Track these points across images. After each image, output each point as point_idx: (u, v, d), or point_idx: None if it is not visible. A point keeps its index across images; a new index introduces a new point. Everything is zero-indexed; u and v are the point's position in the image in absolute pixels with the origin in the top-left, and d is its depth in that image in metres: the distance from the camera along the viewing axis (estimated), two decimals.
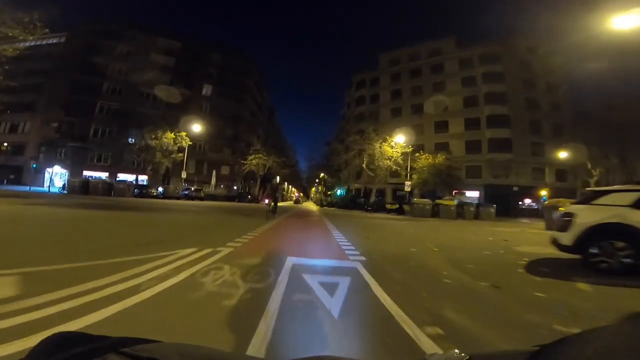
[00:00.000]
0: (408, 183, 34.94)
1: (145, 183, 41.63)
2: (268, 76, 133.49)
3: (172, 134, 35.94)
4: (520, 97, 41.41)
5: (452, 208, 27.85)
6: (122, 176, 41.26)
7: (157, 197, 32.96)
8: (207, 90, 50.17)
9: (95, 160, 41.56)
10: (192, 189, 35.87)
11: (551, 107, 41.83)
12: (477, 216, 27.13)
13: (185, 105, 44.51)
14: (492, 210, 28.28)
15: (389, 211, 31.88)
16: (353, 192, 47.67)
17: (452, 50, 48.13)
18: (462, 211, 27.26)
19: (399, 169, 36.44)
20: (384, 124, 37.37)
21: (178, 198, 34.18)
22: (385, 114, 47.78)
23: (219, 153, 48.51)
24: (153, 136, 34.95)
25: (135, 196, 32.50)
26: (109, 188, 30.67)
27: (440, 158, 33.89)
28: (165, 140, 35.32)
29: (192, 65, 48.67)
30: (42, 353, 0.61)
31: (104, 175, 40.25)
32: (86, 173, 39.11)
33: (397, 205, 31.40)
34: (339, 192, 63.12)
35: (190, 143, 38.15)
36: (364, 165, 38.54)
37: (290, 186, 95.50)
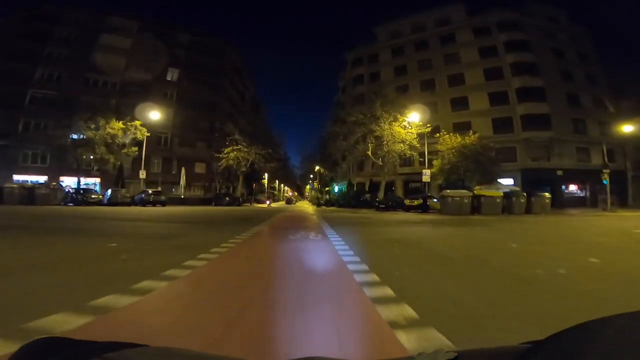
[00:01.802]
0: (427, 172, 27.28)
1: (96, 187, 33.45)
2: (252, 64, 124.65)
3: (121, 122, 27.74)
4: (551, 67, 34.92)
5: (498, 200, 20.84)
6: (66, 180, 32.90)
7: (97, 204, 24.84)
8: (172, 74, 41.80)
9: (29, 161, 33.11)
10: (150, 191, 27.69)
11: (587, 79, 35.52)
12: (528, 209, 20.91)
13: (144, 92, 36.27)
14: (547, 200, 22.04)
15: (409, 208, 24.28)
16: (355, 187, 39.84)
17: (462, 18, 42.13)
18: (509, 204, 20.81)
19: (414, 154, 28.75)
20: (390, 101, 29.63)
21: (129, 204, 26.10)
22: (389, 93, 40.26)
23: (191, 148, 40.27)
24: (93, 125, 26.72)
25: (69, 204, 24.46)
26: (29, 194, 22.63)
27: (473, 137, 26.21)
28: (110, 130, 27.10)
29: (153, 47, 40.34)
30: (23, 359, 0.58)
31: (42, 178, 31.84)
32: (18, 177, 30.63)
33: (420, 200, 23.69)
34: (336, 188, 55.27)
35: (149, 135, 29.97)
36: (369, 152, 30.70)
37: (282, 185, 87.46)
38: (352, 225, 11.43)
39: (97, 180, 33.94)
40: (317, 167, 50.79)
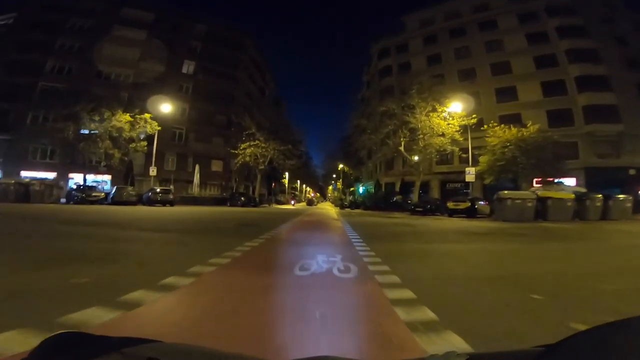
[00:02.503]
0: (471, 170, 23.32)
1: (106, 184, 31.53)
2: (272, 61, 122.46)
3: (128, 115, 25.45)
4: (614, 55, 30.45)
5: (569, 204, 17.14)
6: (76, 176, 31.19)
7: (99, 202, 22.53)
8: (188, 67, 39.48)
9: (38, 157, 31.56)
10: (158, 190, 25.20)
11: None
12: (605, 215, 17.26)
13: (158, 85, 34.18)
14: (629, 204, 18.31)
15: (452, 212, 20.38)
16: (383, 188, 36.01)
17: (502, 3, 37.63)
18: (582, 208, 17.17)
19: (455, 149, 24.78)
20: (428, 88, 25.82)
21: (134, 203, 23.66)
22: (426, 81, 36.59)
23: (207, 144, 37.77)
24: (97, 118, 24.52)
25: (69, 202, 22.34)
26: (25, 191, 20.63)
27: (532, 128, 21.95)
28: (116, 123, 24.83)
29: (169, 38, 38.37)
30: (44, 354, 0.60)
31: (51, 175, 30.23)
32: (25, 173, 29.05)
33: (468, 203, 19.73)
34: (361, 189, 51.43)
35: (159, 129, 27.54)
36: (402, 148, 26.92)
37: (304, 185, 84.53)
38: (394, 239, 7.86)
39: (108, 177, 31.96)
40: (340, 166, 47.09)
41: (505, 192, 18.13)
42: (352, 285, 3.24)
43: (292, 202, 47.84)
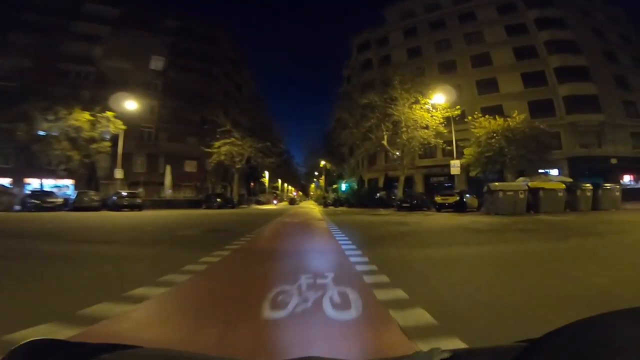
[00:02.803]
0: (456, 163, 22.65)
1: (68, 189, 29.00)
2: (253, 60, 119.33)
3: (87, 113, 23.21)
4: (592, 46, 30.89)
5: (560, 194, 16.65)
6: (33, 182, 28.48)
7: (56, 209, 20.29)
8: (157, 63, 37.02)
9: None
10: (125, 193, 23.12)
11: (632, 62, 31.45)
12: (595, 205, 16.86)
13: (124, 83, 31.79)
14: (618, 193, 17.94)
15: (440, 207, 19.58)
16: (366, 184, 34.98)
17: None
18: (573, 198, 16.76)
19: (440, 142, 23.99)
20: (410, 79, 24.94)
21: (97, 209, 21.53)
22: (407, 73, 35.93)
23: (180, 144, 35.46)
24: (51, 117, 22.16)
25: (24, 209, 20.05)
26: None
27: (519, 118, 21.33)
28: (74, 122, 22.55)
29: (136, 34, 35.94)
30: None
31: (6, 181, 27.44)
32: None
33: (456, 197, 18.91)
34: (343, 186, 50.26)
35: (124, 127, 25.36)
36: (384, 142, 25.91)
37: (285, 184, 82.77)
38: (391, 242, 6.60)
39: (71, 182, 29.37)
40: (322, 163, 45.66)
41: (497, 184, 17.40)
42: (360, 339, 1.91)
43: (275, 201, 47.66)
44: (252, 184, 39.42)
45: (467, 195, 19.91)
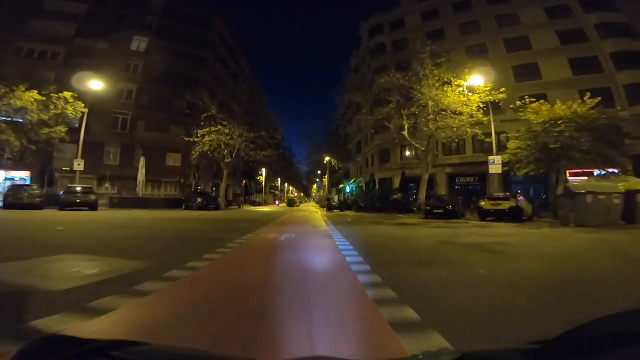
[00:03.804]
0: (496, 159, 18.02)
1: (26, 182, 24.26)
2: (256, 52, 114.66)
3: (36, 92, 18.54)
4: None
5: None
6: None
7: None
8: (139, 44, 32.33)
9: None
10: (78, 189, 18.38)
11: None
12: None
13: (97, 64, 27.21)
14: None
15: (485, 214, 14.66)
16: (377, 185, 29.98)
17: None
18: None
19: (479, 133, 19.14)
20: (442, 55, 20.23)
21: (39, 208, 16.77)
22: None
23: (162, 134, 30.52)
24: None
25: None
26: None
27: (591, 102, 16.52)
28: (17, 102, 17.90)
29: (116, 13, 31.49)
30: (27, 358, 0.56)
31: None
32: None
33: (513, 202, 13.95)
34: (349, 187, 45.18)
35: (86, 111, 20.66)
36: (405, 133, 21.02)
37: (286, 184, 77.82)
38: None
39: (27, 174, 24.65)
40: (327, 159, 40.46)
41: (578, 184, 12.58)
42: None
43: (277, 202, 47.41)
44: (244, 182, 34.44)
45: (522, 199, 15.03)
